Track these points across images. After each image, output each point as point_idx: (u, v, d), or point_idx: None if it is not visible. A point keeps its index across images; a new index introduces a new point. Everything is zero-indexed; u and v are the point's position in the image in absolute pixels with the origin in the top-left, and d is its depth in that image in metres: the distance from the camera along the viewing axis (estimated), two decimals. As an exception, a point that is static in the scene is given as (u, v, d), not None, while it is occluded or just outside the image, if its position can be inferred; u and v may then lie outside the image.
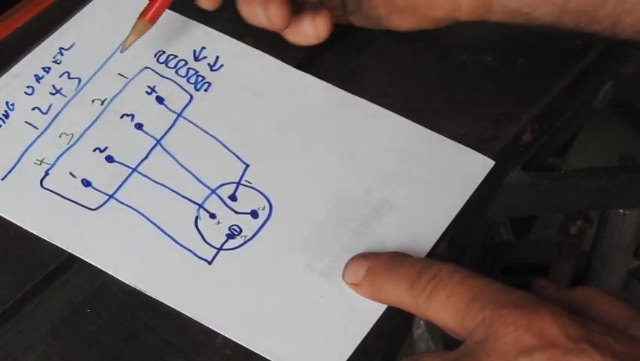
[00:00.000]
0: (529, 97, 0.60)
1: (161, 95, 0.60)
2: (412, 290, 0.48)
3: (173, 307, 0.51)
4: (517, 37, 0.62)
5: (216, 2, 0.58)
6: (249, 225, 0.54)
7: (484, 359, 0.43)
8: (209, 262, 0.53)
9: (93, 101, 0.60)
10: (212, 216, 0.55)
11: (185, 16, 0.64)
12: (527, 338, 0.43)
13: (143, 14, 0.56)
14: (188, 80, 0.61)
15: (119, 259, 0.53)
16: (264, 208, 0.55)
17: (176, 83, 0.61)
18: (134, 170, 0.57)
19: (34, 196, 0.55)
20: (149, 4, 0.56)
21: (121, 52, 0.57)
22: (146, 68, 0.61)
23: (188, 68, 0.61)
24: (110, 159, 0.57)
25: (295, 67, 0.61)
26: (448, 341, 0.50)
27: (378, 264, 0.50)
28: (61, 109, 0.59)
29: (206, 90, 0.60)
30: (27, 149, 0.57)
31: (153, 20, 0.55)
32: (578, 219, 0.82)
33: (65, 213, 0.55)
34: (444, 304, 0.46)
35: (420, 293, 0.47)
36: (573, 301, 0.49)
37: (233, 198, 0.55)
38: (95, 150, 0.57)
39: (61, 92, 0.60)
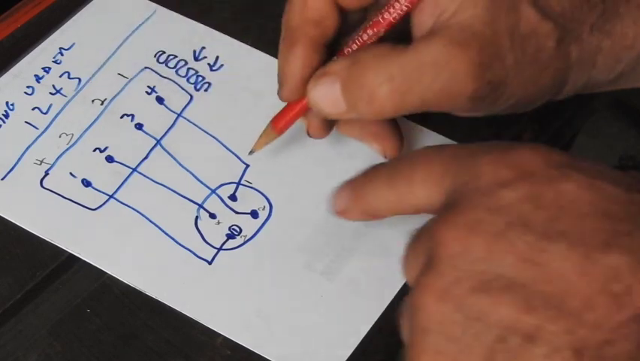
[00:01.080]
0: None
1: (161, 95, 0.60)
2: (391, 182, 0.45)
3: (173, 307, 0.51)
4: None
5: (325, 132, 0.55)
6: (249, 225, 0.54)
7: (465, 202, 0.40)
8: (209, 262, 0.53)
9: (93, 101, 0.60)
10: (212, 216, 0.55)
11: (185, 16, 0.64)
12: (506, 171, 0.40)
13: (274, 122, 0.53)
14: (188, 80, 0.61)
15: (119, 259, 0.53)
16: (264, 208, 0.55)
17: (176, 83, 0.61)
18: (134, 170, 0.57)
19: (34, 196, 0.55)
20: (281, 113, 0.53)
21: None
22: (146, 68, 0.61)
23: (188, 68, 0.61)
24: (110, 159, 0.57)
25: (295, 67, 0.61)
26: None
27: (357, 181, 0.48)
28: (61, 109, 0.59)
29: (206, 90, 0.60)
30: (27, 149, 0.57)
31: (282, 132, 0.53)
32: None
33: (65, 213, 0.55)
34: (424, 181, 0.44)
35: (399, 182, 0.45)
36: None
37: (233, 198, 0.55)
38: (95, 150, 0.57)
39: (61, 92, 0.60)
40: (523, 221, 0.38)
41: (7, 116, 0.59)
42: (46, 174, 0.56)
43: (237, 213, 0.55)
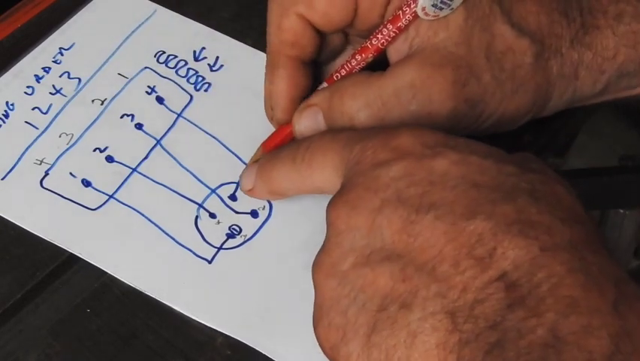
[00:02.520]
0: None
1: (161, 95, 0.60)
2: (294, 164, 0.47)
3: (173, 307, 0.51)
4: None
5: None
6: (248, 224, 0.54)
7: (349, 184, 0.42)
8: (209, 262, 0.53)
9: (93, 101, 0.60)
10: (212, 215, 0.55)
11: (185, 16, 0.64)
12: (385, 153, 0.42)
13: (264, 146, 0.54)
14: (188, 80, 0.61)
15: (119, 259, 0.53)
16: (264, 208, 0.55)
17: (176, 83, 0.61)
18: (134, 170, 0.57)
19: (34, 196, 0.55)
20: (270, 137, 0.54)
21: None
22: (146, 68, 0.61)
23: (188, 68, 0.61)
24: (110, 159, 0.57)
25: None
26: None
27: (265, 158, 0.50)
28: (61, 109, 0.59)
29: (206, 90, 0.60)
30: (27, 149, 0.57)
31: None
32: (577, 220, 0.82)
33: (65, 213, 0.55)
34: (323, 166, 0.45)
35: (301, 164, 0.46)
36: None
37: (233, 197, 0.55)
38: (95, 150, 0.57)
39: (61, 92, 0.60)
40: (397, 197, 0.40)
41: (7, 116, 0.59)
42: (46, 174, 0.56)
43: (237, 212, 0.55)
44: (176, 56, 0.62)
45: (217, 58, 0.62)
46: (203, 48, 0.62)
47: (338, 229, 0.42)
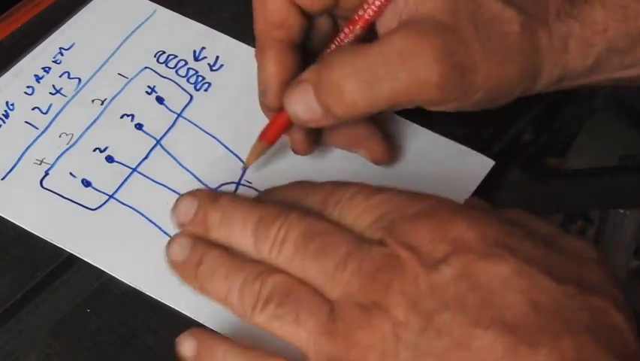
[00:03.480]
0: (530, 97, 0.60)
1: (161, 95, 0.60)
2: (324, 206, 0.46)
3: (173, 307, 0.51)
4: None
5: (310, 148, 0.55)
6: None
7: (405, 272, 0.41)
8: (209, 262, 0.53)
9: (93, 101, 0.60)
10: (212, 216, 0.55)
11: (185, 16, 0.64)
12: (444, 246, 0.41)
13: (262, 136, 0.53)
14: (188, 80, 0.61)
15: (119, 259, 0.53)
16: (264, 208, 0.55)
17: (176, 83, 0.61)
18: (134, 170, 0.57)
19: (34, 196, 0.55)
20: (268, 126, 0.53)
21: (242, 168, 0.56)
22: (146, 68, 0.61)
23: (188, 68, 0.61)
24: (110, 159, 0.57)
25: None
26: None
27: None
28: (61, 109, 0.59)
29: (206, 90, 0.60)
30: (27, 149, 0.57)
31: (273, 142, 0.53)
32: (578, 220, 0.82)
33: (65, 213, 0.55)
34: (352, 227, 0.45)
35: (331, 212, 0.46)
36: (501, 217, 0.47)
37: (233, 198, 0.55)
38: (95, 150, 0.57)
39: (61, 92, 0.60)
40: (457, 301, 0.40)
41: (7, 116, 0.59)
42: (46, 174, 0.56)
43: (237, 213, 0.55)
44: (176, 56, 0.62)
45: (217, 58, 0.62)
46: (203, 48, 0.62)
47: (396, 320, 0.41)
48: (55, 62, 0.61)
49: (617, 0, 0.50)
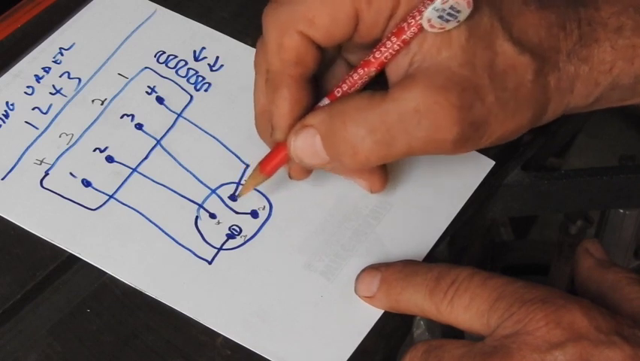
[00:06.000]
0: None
1: (161, 95, 0.60)
2: (431, 297, 0.48)
3: (173, 307, 0.51)
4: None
5: (307, 175, 0.54)
6: (249, 225, 0.54)
7: (516, 353, 0.43)
8: (209, 262, 0.53)
9: (93, 101, 0.60)
10: (212, 216, 0.55)
11: (185, 16, 0.64)
12: (559, 331, 0.43)
13: (262, 169, 0.52)
14: (188, 81, 0.61)
15: (119, 259, 0.53)
16: (264, 208, 0.55)
17: (176, 83, 0.61)
18: (134, 170, 0.57)
19: (34, 196, 0.55)
20: (267, 158, 0.52)
21: (233, 200, 0.56)
22: (146, 68, 0.61)
23: (188, 68, 0.61)
24: (110, 159, 0.57)
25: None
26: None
27: (391, 274, 0.50)
28: (61, 109, 0.59)
29: (206, 90, 0.60)
30: (27, 149, 0.57)
31: (271, 174, 0.53)
32: (578, 219, 0.82)
33: (65, 213, 0.55)
34: (467, 308, 0.46)
35: (441, 300, 0.47)
36: (603, 284, 0.49)
37: (233, 198, 0.55)
38: (95, 150, 0.57)
39: (61, 92, 0.60)
40: None
41: (7, 116, 0.59)
42: (46, 174, 0.56)
43: (237, 213, 0.55)
44: (176, 56, 0.62)
45: (217, 58, 0.62)
46: (203, 48, 0.62)
47: None
48: (55, 62, 0.61)
49: (627, 40, 0.50)
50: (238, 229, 0.54)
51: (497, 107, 0.48)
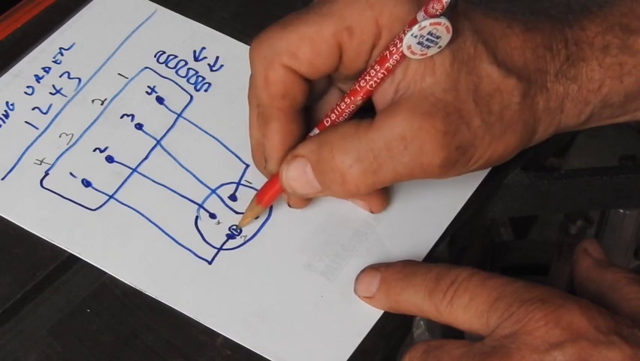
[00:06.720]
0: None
1: (161, 95, 0.60)
2: (431, 298, 0.48)
3: (173, 307, 0.51)
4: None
5: (306, 203, 0.55)
6: (249, 225, 0.54)
7: (515, 353, 0.44)
8: (209, 262, 0.53)
9: (93, 101, 0.60)
10: (212, 216, 0.55)
11: (185, 16, 0.64)
12: (557, 331, 0.43)
13: (258, 200, 0.53)
14: (188, 81, 0.61)
15: (119, 259, 0.53)
16: (264, 208, 0.55)
17: (176, 83, 0.61)
18: (134, 170, 0.57)
19: (34, 196, 0.55)
20: (263, 189, 0.53)
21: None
22: (146, 68, 0.61)
23: (188, 69, 0.61)
24: (110, 159, 0.57)
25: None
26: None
27: (391, 275, 0.50)
28: (61, 109, 0.59)
29: (206, 90, 0.60)
30: (27, 149, 0.57)
31: (267, 205, 0.53)
32: (578, 219, 0.83)
33: (65, 213, 0.55)
34: (467, 308, 0.46)
35: (441, 300, 0.47)
36: (602, 284, 0.49)
37: (233, 198, 0.55)
38: (95, 150, 0.57)
39: (61, 92, 0.60)
40: None
41: (7, 116, 0.59)
42: (46, 174, 0.56)
43: (237, 213, 0.55)
44: (176, 56, 0.62)
45: (217, 58, 0.62)
46: (203, 48, 0.62)
47: None
48: (55, 62, 0.61)
49: (613, 58, 0.50)
50: (238, 229, 0.54)
51: (483, 131, 0.48)
